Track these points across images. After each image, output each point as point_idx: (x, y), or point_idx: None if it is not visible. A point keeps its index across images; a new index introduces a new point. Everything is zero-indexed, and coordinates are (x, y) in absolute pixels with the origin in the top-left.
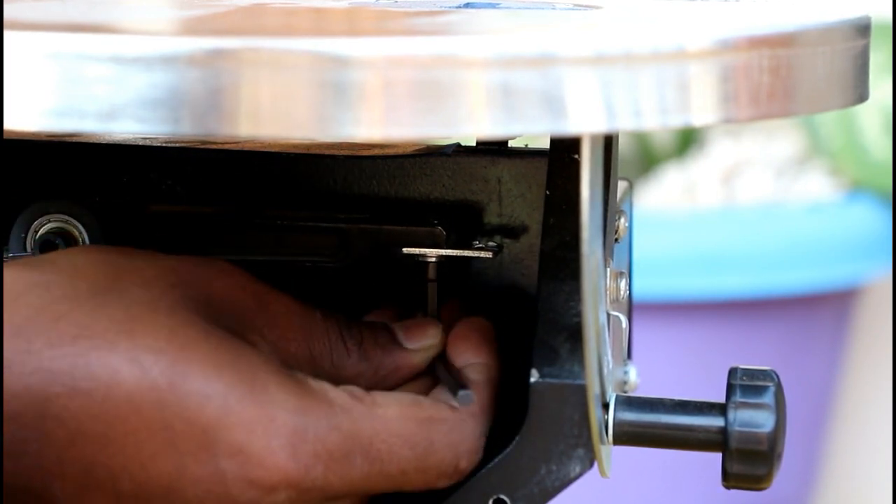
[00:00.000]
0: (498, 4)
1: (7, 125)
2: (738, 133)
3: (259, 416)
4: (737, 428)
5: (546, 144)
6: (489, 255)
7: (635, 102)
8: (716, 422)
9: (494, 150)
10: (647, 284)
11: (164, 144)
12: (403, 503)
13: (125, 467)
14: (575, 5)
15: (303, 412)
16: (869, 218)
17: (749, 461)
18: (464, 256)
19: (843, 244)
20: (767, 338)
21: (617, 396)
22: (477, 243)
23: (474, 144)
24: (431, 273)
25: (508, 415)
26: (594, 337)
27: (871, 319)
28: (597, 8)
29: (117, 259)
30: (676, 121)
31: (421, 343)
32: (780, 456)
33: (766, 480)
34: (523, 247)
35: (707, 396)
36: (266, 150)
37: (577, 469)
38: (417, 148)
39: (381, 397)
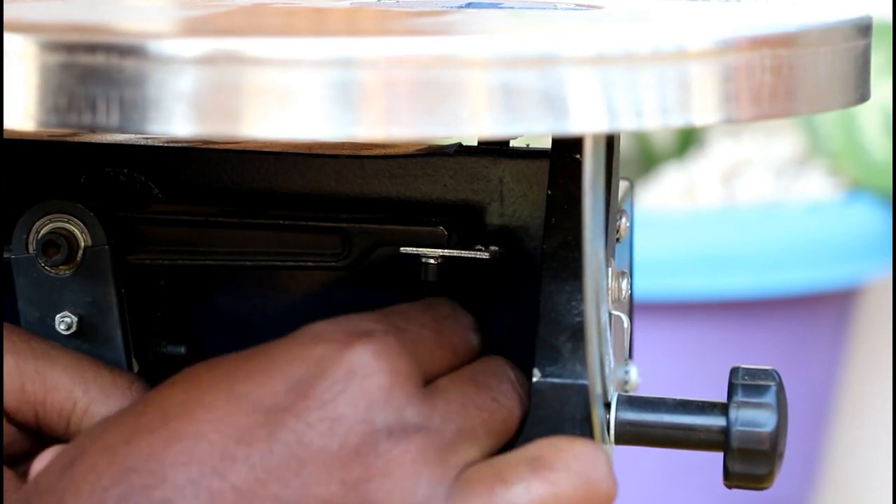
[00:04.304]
0: (500, 4)
1: (7, 125)
2: (738, 133)
3: None
4: (738, 427)
5: (548, 144)
6: (485, 256)
7: (637, 102)
8: (717, 421)
9: (496, 150)
10: (647, 284)
11: (165, 144)
12: None
13: None
14: (576, 5)
15: None
16: (869, 218)
17: (750, 461)
18: (463, 258)
19: (843, 244)
20: (767, 338)
21: (618, 396)
22: (478, 246)
23: (476, 144)
24: (431, 274)
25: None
26: (596, 336)
27: (871, 319)
28: (598, 8)
29: None
30: (678, 121)
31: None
32: (781, 455)
33: (768, 480)
34: (525, 247)
35: (707, 396)
36: (267, 150)
37: None
38: (419, 148)
39: None
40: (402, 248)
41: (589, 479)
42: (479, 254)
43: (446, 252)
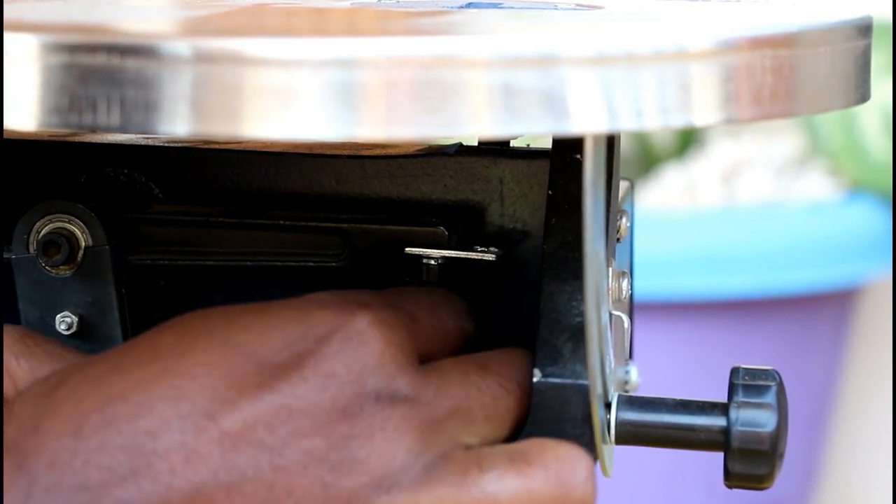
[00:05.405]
0: (500, 4)
1: (8, 125)
2: (738, 133)
3: None
4: (739, 427)
5: (548, 144)
6: (492, 258)
7: (637, 102)
8: (718, 421)
9: (496, 150)
10: (647, 284)
11: (165, 144)
12: None
13: None
14: (577, 5)
15: None
16: (869, 218)
17: (751, 461)
18: (465, 258)
19: (843, 244)
20: (767, 338)
21: (619, 396)
22: (478, 248)
23: (476, 144)
24: (432, 275)
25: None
26: (597, 337)
27: (871, 319)
28: (599, 8)
29: None
30: (678, 121)
31: None
32: (781, 455)
33: (768, 480)
34: (525, 247)
35: (707, 396)
36: (267, 150)
37: None
38: (419, 148)
39: None
40: (406, 249)
41: (564, 482)
42: (486, 255)
43: (452, 253)
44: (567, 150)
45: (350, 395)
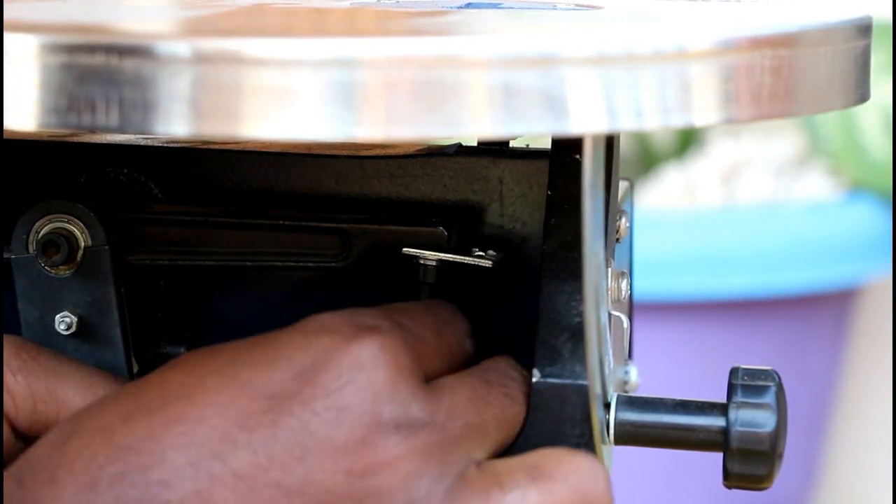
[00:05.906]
0: (500, 5)
1: (7, 125)
2: (738, 133)
3: None
4: (738, 428)
5: (548, 144)
6: (488, 264)
7: (637, 102)
8: (717, 422)
9: (496, 150)
10: (647, 284)
11: (165, 145)
12: None
13: None
14: (576, 5)
15: None
16: (869, 218)
17: (750, 461)
18: (462, 262)
19: (843, 244)
20: (767, 338)
21: (618, 396)
22: (476, 251)
23: (476, 144)
24: (430, 276)
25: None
26: (596, 337)
27: (871, 319)
28: (598, 8)
29: None
30: (678, 121)
31: None
32: (781, 456)
33: (768, 480)
34: (525, 247)
35: (707, 396)
36: (267, 150)
37: None
38: (419, 148)
39: None
40: (403, 250)
41: (585, 495)
42: (482, 261)
43: (448, 257)
44: (566, 151)
45: (367, 426)
